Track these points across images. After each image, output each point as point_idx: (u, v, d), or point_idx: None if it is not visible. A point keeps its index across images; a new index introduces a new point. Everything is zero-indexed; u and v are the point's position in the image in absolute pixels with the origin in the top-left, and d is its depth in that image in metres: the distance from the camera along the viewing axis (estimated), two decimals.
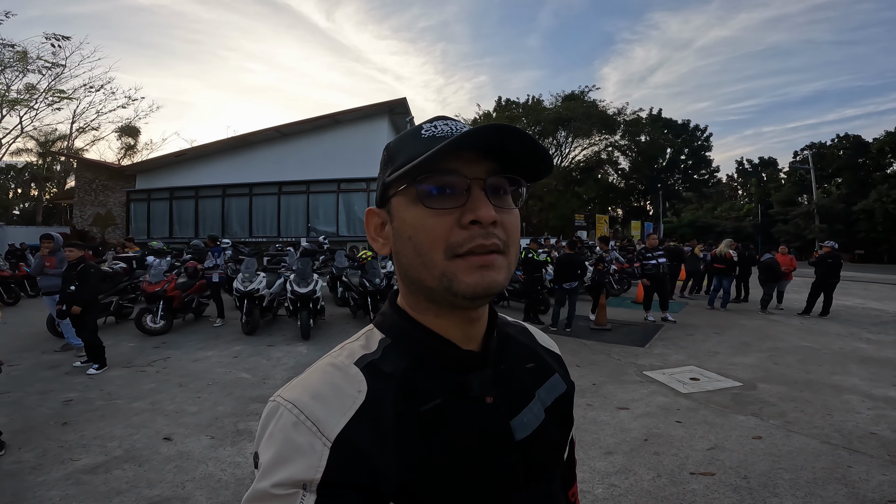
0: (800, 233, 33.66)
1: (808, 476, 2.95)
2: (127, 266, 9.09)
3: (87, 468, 3.06)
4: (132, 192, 18.70)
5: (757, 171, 45.74)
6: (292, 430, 0.46)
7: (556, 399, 0.63)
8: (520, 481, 0.54)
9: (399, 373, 0.52)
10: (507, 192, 0.53)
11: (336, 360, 0.54)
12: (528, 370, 0.62)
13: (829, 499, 2.70)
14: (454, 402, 0.52)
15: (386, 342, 0.55)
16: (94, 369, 5.10)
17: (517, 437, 0.55)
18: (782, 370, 5.32)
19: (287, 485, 0.44)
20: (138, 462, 3.14)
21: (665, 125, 37.67)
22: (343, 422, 0.47)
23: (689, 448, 3.37)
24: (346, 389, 0.50)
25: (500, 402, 0.55)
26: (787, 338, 7.00)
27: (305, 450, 0.45)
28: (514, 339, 0.65)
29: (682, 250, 11.18)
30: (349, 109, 16.97)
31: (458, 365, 0.54)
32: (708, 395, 4.48)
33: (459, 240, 0.49)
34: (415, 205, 0.51)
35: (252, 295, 7.08)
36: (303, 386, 0.51)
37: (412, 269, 0.52)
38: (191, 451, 3.29)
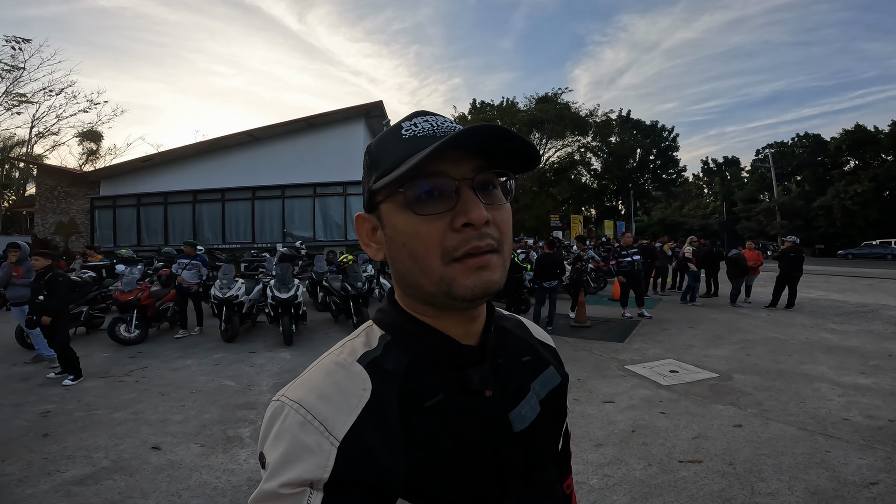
0: (762, 229, 34.94)
1: (790, 461, 3.06)
2: (96, 275, 8.79)
3: (76, 479, 2.97)
4: (96, 198, 18.03)
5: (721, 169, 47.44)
6: (299, 431, 0.46)
7: (551, 391, 0.64)
8: (519, 472, 0.55)
9: (402, 370, 0.52)
10: (497, 186, 0.53)
11: (339, 357, 0.54)
12: (524, 363, 0.63)
13: (813, 482, 2.80)
14: (455, 397, 0.52)
15: (386, 339, 0.55)
16: (70, 380, 4.93)
17: (515, 429, 0.55)
18: (754, 360, 5.53)
19: (294, 484, 0.44)
20: (128, 472, 3.06)
21: (634, 126, 38.73)
22: (350, 420, 0.47)
23: (675, 437, 3.48)
24: (351, 388, 0.50)
25: (498, 396, 0.55)
26: (757, 330, 7.27)
27: (313, 449, 0.45)
28: (511, 332, 0.66)
29: (654, 248, 11.50)
30: (324, 113, 16.81)
31: (457, 360, 0.55)
32: (687, 387, 4.63)
33: (454, 244, 0.49)
34: (404, 211, 0.50)
35: (231, 302, 6.95)
36: (307, 385, 0.51)
37: (410, 275, 0.52)
38: (181, 459, 3.22)
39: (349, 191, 16.50)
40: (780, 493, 2.70)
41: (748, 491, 2.73)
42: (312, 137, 16.81)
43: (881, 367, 5.13)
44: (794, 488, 2.74)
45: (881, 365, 5.22)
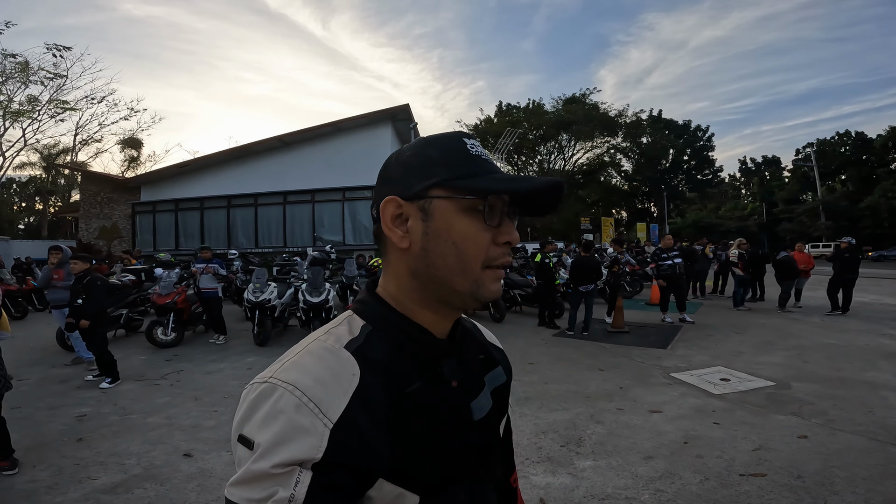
0: (805, 230, 33.54)
1: (864, 473, 2.86)
2: (135, 278, 8.98)
3: (106, 487, 2.92)
4: (137, 204, 18.59)
5: (760, 169, 45.72)
6: (295, 412, 0.47)
7: (497, 388, 0.68)
8: (476, 457, 0.60)
9: (384, 358, 0.55)
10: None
11: (326, 343, 0.55)
12: (479, 360, 0.67)
13: (891, 494, 2.62)
14: (430, 386, 0.56)
15: (368, 328, 0.58)
16: (107, 383, 4.97)
17: (475, 417, 0.61)
18: (812, 368, 5.18)
19: (286, 464, 0.45)
20: (159, 481, 2.98)
21: (666, 126, 37.68)
22: (343, 403, 0.49)
23: (733, 449, 3.25)
24: (342, 373, 0.52)
25: (462, 387, 0.60)
26: (811, 335, 6.85)
27: (309, 430, 0.47)
28: (470, 332, 0.70)
29: (695, 251, 11.06)
30: (351, 117, 16.91)
31: (433, 352, 0.59)
32: (742, 396, 4.35)
33: (495, 255, 0.56)
34: (466, 214, 0.55)
35: (263, 305, 6.96)
36: (300, 368, 0.52)
37: (445, 271, 0.55)
38: (212, 468, 3.14)
39: None
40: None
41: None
42: (340, 142, 16.92)
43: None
44: (871, 501, 2.56)
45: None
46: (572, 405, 4.21)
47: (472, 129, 36.11)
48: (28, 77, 19.83)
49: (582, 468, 3.06)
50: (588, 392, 4.56)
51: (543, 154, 37.35)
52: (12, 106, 20.01)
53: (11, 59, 18.84)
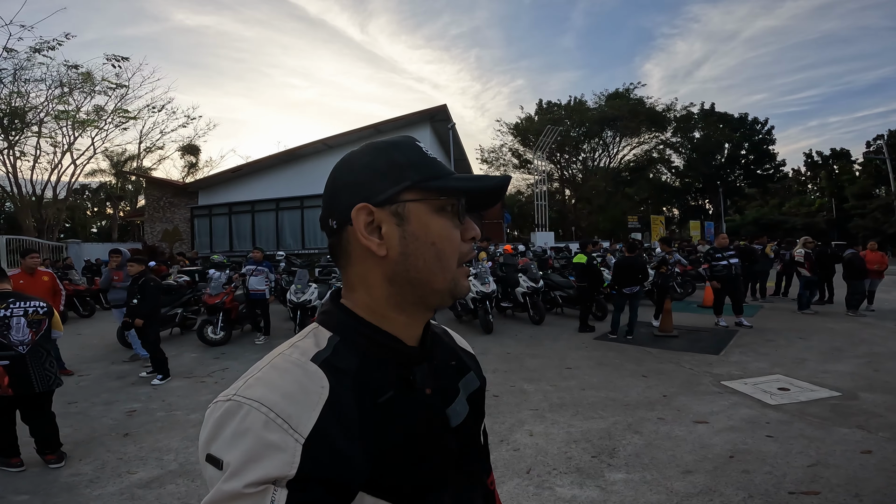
0: (879, 227, 30.92)
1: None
2: (190, 279, 9.46)
3: (143, 482, 3.05)
4: (195, 208, 19.63)
5: (827, 163, 42.51)
6: (263, 429, 0.46)
7: (472, 393, 0.68)
8: (455, 463, 0.60)
9: (354, 368, 0.54)
10: None
11: (292, 357, 0.54)
12: (451, 366, 0.67)
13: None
14: (403, 394, 0.55)
15: (335, 339, 0.56)
16: (158, 380, 5.25)
17: (452, 423, 0.61)
18: (885, 378, 4.72)
19: (258, 483, 0.44)
20: (191, 477, 3.10)
21: (720, 119, 35.77)
22: (314, 417, 0.48)
23: (786, 465, 3.01)
24: (310, 386, 0.50)
25: (436, 394, 0.60)
26: (885, 342, 6.26)
27: (279, 447, 0.45)
28: (440, 338, 0.70)
29: (753, 250, 10.39)
30: (391, 119, 17.14)
31: (403, 360, 0.58)
32: (802, 407, 4.01)
33: (465, 251, 0.59)
34: (439, 215, 0.57)
35: (305, 306, 7.14)
36: (266, 384, 0.50)
37: (426, 272, 0.56)
38: None
39: None
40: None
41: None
42: None
43: None
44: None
45: None
46: (609, 413, 4.02)
47: (513, 127, 35.74)
48: (93, 87, 21.12)
49: (612, 481, 2.91)
50: (628, 400, 4.35)
51: (587, 151, 36.42)
52: (80, 116, 21.41)
53: (74, 70, 20.13)
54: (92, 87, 20.95)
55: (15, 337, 3.17)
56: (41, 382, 3.21)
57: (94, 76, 20.71)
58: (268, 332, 7.49)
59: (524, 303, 8.28)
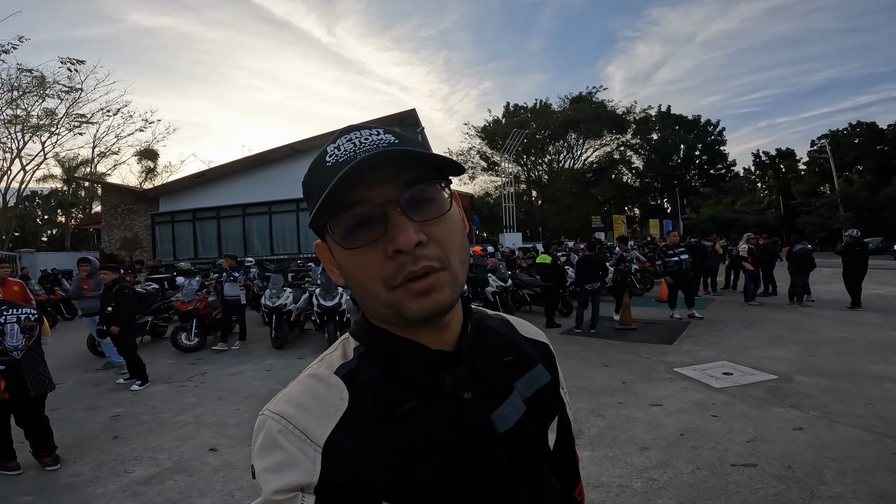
0: (824, 223, 32.89)
1: (855, 464, 2.91)
2: (159, 287, 9.37)
3: (142, 479, 3.19)
4: (156, 214, 19.10)
5: (774, 162, 44.96)
6: (282, 439, 0.49)
7: (538, 391, 0.63)
8: (504, 471, 0.55)
9: (373, 380, 0.53)
10: (433, 197, 0.50)
11: (317, 371, 0.56)
12: (506, 364, 0.62)
13: (879, 485, 2.67)
14: (430, 402, 0.53)
15: (360, 350, 0.57)
16: (138, 385, 5.31)
17: (500, 429, 0.56)
18: (819, 362, 5.22)
19: (286, 490, 0.46)
20: (188, 473, 3.26)
21: (676, 122, 37.39)
22: (329, 428, 0.49)
23: (728, 441, 3.35)
24: (328, 398, 0.52)
25: (478, 397, 0.56)
26: (821, 329, 6.87)
27: (297, 456, 0.48)
28: (494, 332, 0.65)
29: (703, 246, 11.07)
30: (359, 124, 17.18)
31: (430, 366, 0.55)
32: (743, 389, 4.44)
33: (391, 272, 0.48)
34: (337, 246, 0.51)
35: (280, 310, 7.24)
36: (286, 398, 0.53)
37: (363, 301, 0.53)
38: (236, 461, 3.40)
39: None
40: (842, 496, 2.59)
41: (807, 494, 2.62)
42: None
43: None
44: (857, 492, 2.62)
45: None
46: (575, 400, 4.36)
47: (481, 130, 36.32)
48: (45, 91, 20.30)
49: (580, 458, 3.21)
50: (592, 387, 4.71)
51: (553, 154, 37.37)
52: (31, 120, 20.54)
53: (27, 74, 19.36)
54: (43, 90, 20.13)
55: (10, 343, 3.28)
56: (36, 386, 3.33)
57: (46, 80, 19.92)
58: (243, 337, 7.54)
59: (494, 301, 8.61)
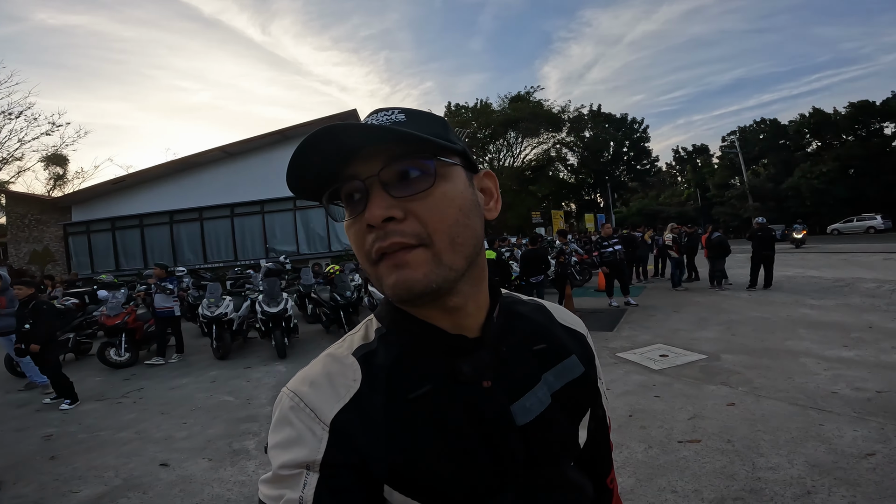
0: (736, 212, 35.83)
1: (786, 436, 3.11)
2: (80, 301, 8.65)
3: (91, 499, 3.00)
4: (69, 225, 17.59)
5: (692, 157, 48.52)
6: (293, 415, 0.50)
7: (569, 383, 0.60)
8: (520, 465, 0.53)
9: (389, 362, 0.53)
10: (419, 173, 0.49)
11: (336, 351, 0.57)
12: (536, 352, 0.60)
13: (812, 455, 2.84)
14: (446, 388, 0.52)
15: (382, 331, 0.57)
16: (67, 404, 4.99)
17: (518, 421, 0.54)
18: (740, 340, 5.66)
19: (291, 466, 0.47)
20: (142, 489, 3.09)
21: (605, 120, 39.45)
22: (337, 408, 0.50)
23: (672, 419, 3.54)
24: (341, 379, 0.52)
25: (498, 387, 0.54)
26: (740, 310, 7.46)
27: (304, 433, 0.49)
28: (526, 318, 0.63)
29: (634, 237, 11.75)
30: (298, 125, 16.71)
31: (449, 351, 0.54)
32: (679, 370, 4.75)
33: (368, 246, 0.49)
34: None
35: (220, 319, 6.91)
36: (303, 376, 0.54)
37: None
38: (192, 474, 3.25)
39: None
40: (780, 466, 2.75)
41: (750, 466, 2.80)
42: (289, 150, 16.44)
43: (863, 340, 5.23)
44: (793, 462, 2.79)
45: (863, 337, 5.33)
46: None
47: None
48: None
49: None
50: None
51: (493, 153, 38.15)
52: None
53: None
54: None
55: None
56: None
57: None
58: (181, 349, 7.15)
59: None
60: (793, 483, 2.57)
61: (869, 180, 32.09)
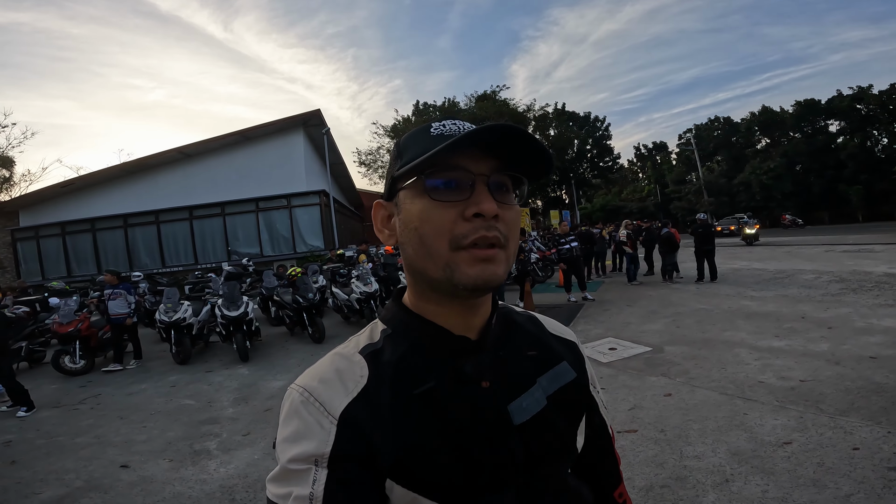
0: (692, 207, 37.20)
1: (713, 425, 3.27)
2: (30, 309, 8.38)
3: (53, 499, 3.06)
4: (17, 230, 16.87)
5: (652, 154, 50.17)
6: (303, 409, 0.52)
7: (562, 388, 0.63)
8: (519, 464, 0.55)
9: (395, 359, 0.56)
10: (510, 189, 0.56)
11: (343, 350, 0.60)
12: (529, 357, 0.63)
13: (734, 444, 2.99)
14: (448, 386, 0.55)
15: (387, 332, 0.60)
16: (24, 412, 5.00)
17: (515, 421, 0.56)
18: (683, 332, 5.91)
19: (300, 460, 0.49)
20: (103, 490, 3.16)
21: (570, 118, 40.30)
22: (346, 401, 0.52)
23: (614, 410, 3.66)
24: (349, 374, 0.55)
25: (496, 387, 0.57)
26: (686, 302, 7.82)
27: (313, 426, 0.51)
28: (520, 326, 0.66)
29: (592, 233, 12.14)
30: (260, 125, 16.49)
31: (453, 351, 0.57)
32: (625, 362, 4.96)
33: (464, 231, 0.51)
34: (421, 197, 0.53)
35: (179, 325, 6.85)
36: (312, 373, 0.57)
37: (417, 260, 0.55)
38: (152, 475, 3.32)
39: (293, 202, 16.27)
40: (705, 455, 2.90)
41: (678, 455, 2.94)
42: (250, 150, 16.44)
43: (795, 330, 5.46)
44: (717, 450, 2.94)
45: (794, 327, 5.56)
46: None
47: (391, 129, 36.30)
48: None
49: None
50: None
51: None
52: None
53: None
54: None
55: None
56: None
57: None
58: (139, 355, 7.08)
59: None
60: (714, 471, 2.72)
61: (814, 176, 33.99)
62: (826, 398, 3.55)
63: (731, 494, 2.49)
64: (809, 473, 2.60)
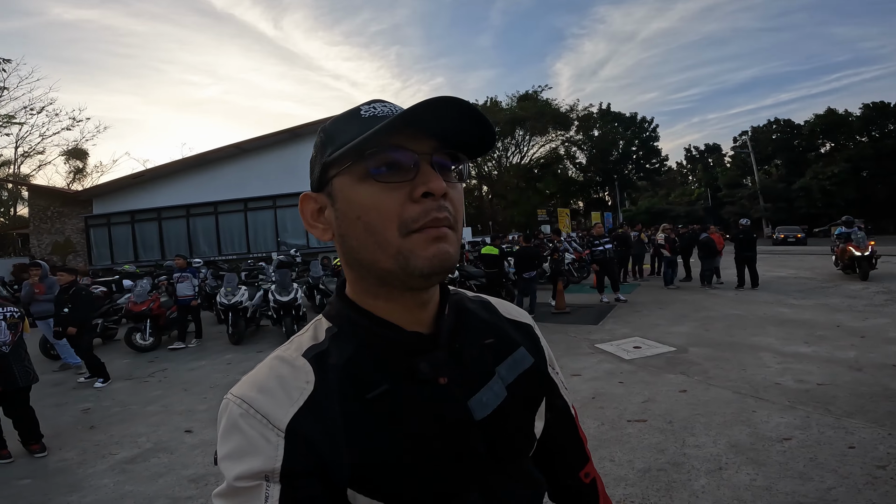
0: (746, 213, 35.71)
1: (719, 420, 3.46)
2: (106, 289, 9.35)
3: (127, 459, 3.58)
4: (90, 217, 18.35)
5: (703, 156, 48.40)
6: (243, 423, 0.47)
7: (521, 374, 0.61)
8: (483, 461, 0.53)
9: (343, 362, 0.51)
10: (452, 168, 0.53)
11: (284, 353, 0.54)
12: (487, 346, 0.60)
13: (734, 437, 3.18)
14: (404, 387, 0.51)
15: (333, 331, 0.55)
16: (101, 383, 5.56)
17: (476, 416, 0.54)
18: (711, 335, 6.02)
19: (248, 477, 0.45)
20: (169, 451, 3.68)
21: (615, 118, 39.59)
22: (291, 412, 0.48)
23: (628, 402, 3.93)
24: (293, 382, 0.50)
25: (454, 383, 0.54)
26: (720, 307, 7.82)
27: (258, 441, 0.46)
28: (474, 314, 0.63)
29: (627, 236, 12.11)
30: (307, 123, 17.24)
31: (406, 349, 0.53)
32: (646, 360, 5.16)
33: (413, 214, 0.48)
34: (363, 182, 0.49)
35: (236, 307, 7.53)
36: (249, 382, 0.51)
37: (364, 252, 0.51)
38: (212, 438, 3.75)
39: None
40: (705, 445, 3.11)
41: (679, 443, 3.15)
42: (298, 147, 17.21)
43: (825, 337, 5.46)
44: (717, 442, 3.13)
45: (826, 335, 5.55)
46: None
47: None
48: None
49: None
50: None
51: (501, 150, 38.52)
52: None
53: None
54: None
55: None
56: (23, 378, 3.67)
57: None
58: (200, 335, 7.81)
59: None
60: (710, 460, 2.91)
61: (880, 182, 31.93)
62: (836, 401, 3.66)
63: (720, 481, 2.70)
64: (799, 467, 2.77)
